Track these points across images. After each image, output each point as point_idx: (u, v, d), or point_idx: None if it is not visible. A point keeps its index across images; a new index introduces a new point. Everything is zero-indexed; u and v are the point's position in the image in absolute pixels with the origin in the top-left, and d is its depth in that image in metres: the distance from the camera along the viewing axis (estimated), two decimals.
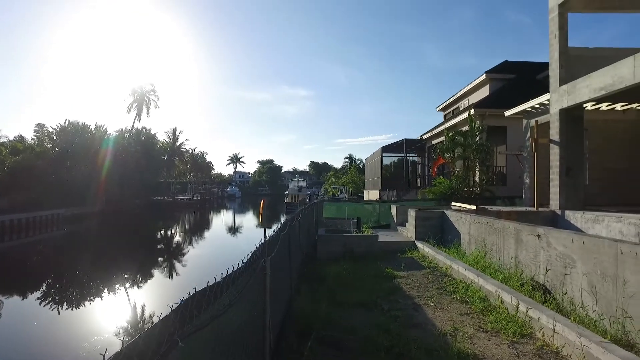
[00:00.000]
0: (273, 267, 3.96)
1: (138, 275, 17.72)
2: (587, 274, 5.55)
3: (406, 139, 33.67)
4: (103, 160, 42.71)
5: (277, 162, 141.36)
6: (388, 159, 37.34)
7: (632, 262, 4.77)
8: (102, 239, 28.73)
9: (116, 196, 43.22)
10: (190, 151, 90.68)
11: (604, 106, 14.28)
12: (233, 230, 39.85)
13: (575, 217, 11.72)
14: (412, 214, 12.96)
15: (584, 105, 13.08)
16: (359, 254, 10.63)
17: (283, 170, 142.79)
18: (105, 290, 14.86)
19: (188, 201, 67.46)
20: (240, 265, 2.59)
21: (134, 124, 60.00)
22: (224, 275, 2.22)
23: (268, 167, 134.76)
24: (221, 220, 53.33)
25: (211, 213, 61.85)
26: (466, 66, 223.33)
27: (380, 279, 8.41)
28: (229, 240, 32.20)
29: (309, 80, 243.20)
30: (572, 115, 13.00)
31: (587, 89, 11.55)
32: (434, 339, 5.16)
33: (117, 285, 15.36)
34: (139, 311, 12.23)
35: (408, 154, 35.27)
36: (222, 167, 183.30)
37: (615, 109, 14.56)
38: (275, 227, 6.45)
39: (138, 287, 15.89)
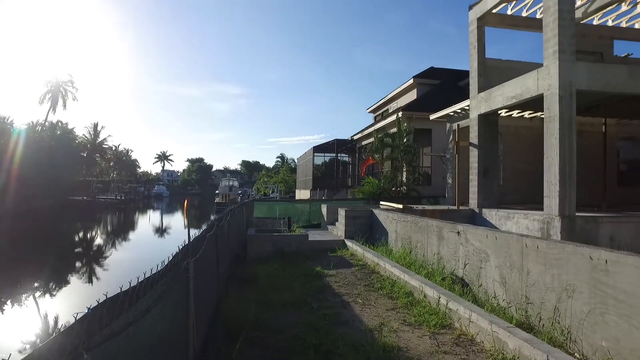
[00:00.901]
0: (199, 269, 3.84)
1: (51, 284, 16.22)
2: (499, 267, 6.03)
3: (337, 140, 34.32)
4: (10, 156, 38.60)
5: (207, 161, 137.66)
6: (319, 159, 37.83)
7: (534, 255, 5.27)
8: (5, 245, 25.86)
9: (26, 196, 39.26)
10: (113, 148, 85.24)
11: (515, 113, 15.62)
12: (161, 231, 38.06)
13: (490, 214, 12.69)
14: (342, 213, 13.23)
15: (499, 112, 14.21)
16: (289, 254, 10.64)
17: (214, 169, 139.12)
18: (8, 304, 13.29)
19: (111, 201, 63.36)
20: (160, 268, 2.47)
21: (47, 117, 55.11)
22: (141, 280, 2.11)
23: (198, 166, 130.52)
24: (147, 221, 50.69)
25: (136, 214, 58.57)
26: (395, 70, 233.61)
27: (310, 277, 8.49)
28: (155, 242, 30.69)
29: (242, 77, 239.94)
30: (489, 120, 14.07)
31: (501, 97, 12.55)
32: (361, 334, 5.31)
33: (23, 297, 13.85)
34: (51, 324, 11.18)
35: (339, 154, 35.98)
36: (149, 166, 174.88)
37: (524, 116, 15.99)
38: (205, 227, 6.26)
39: (51, 296, 14.57)
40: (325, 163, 38.45)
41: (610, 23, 15.96)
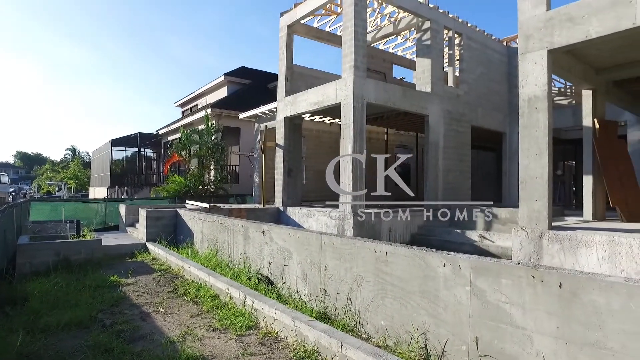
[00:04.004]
0: None
1: None
2: (301, 264, 6.39)
3: (141, 133, 31.63)
4: None
5: None
6: (119, 153, 34.10)
7: (330, 251, 5.76)
8: None
9: None
10: None
11: (317, 118, 17.06)
12: None
13: (294, 212, 13.51)
14: (142, 213, 12.11)
15: (303, 116, 15.27)
16: (77, 263, 9.11)
17: None
18: None
19: None
20: None
21: None
22: None
23: None
24: None
25: None
26: (208, 65, 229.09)
27: (102, 289, 7.42)
28: None
29: (36, 52, 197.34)
30: (294, 123, 14.97)
31: (305, 102, 13.48)
32: (162, 349, 4.86)
33: None
34: None
35: (143, 149, 33.15)
36: None
37: (325, 121, 17.62)
38: None
39: None
40: (126, 158, 34.83)
41: (391, 50, 19.00)
